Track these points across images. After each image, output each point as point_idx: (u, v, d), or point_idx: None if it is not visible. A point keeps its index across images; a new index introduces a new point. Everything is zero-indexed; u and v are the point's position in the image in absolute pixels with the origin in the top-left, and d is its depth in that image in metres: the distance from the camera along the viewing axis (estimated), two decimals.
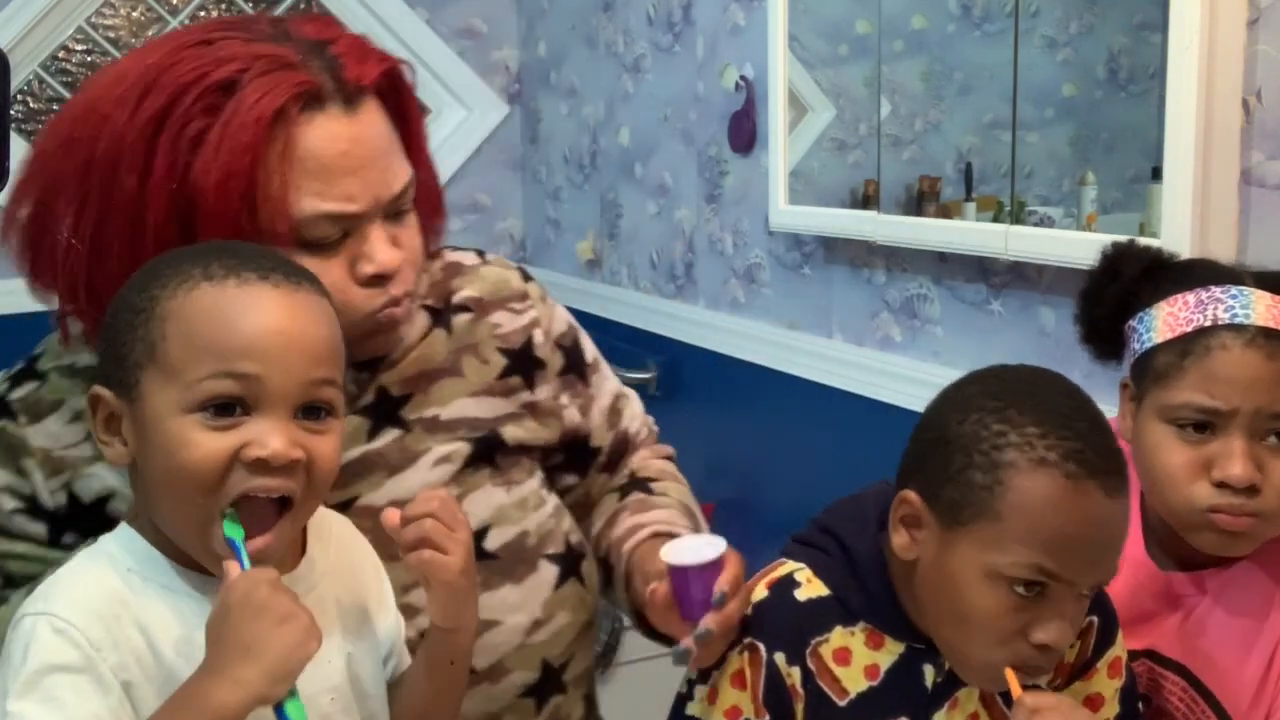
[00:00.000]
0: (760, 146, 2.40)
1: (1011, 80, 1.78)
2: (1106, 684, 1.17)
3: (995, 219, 1.84)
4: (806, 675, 1.10)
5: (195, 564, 0.94)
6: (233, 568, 0.88)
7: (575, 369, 1.29)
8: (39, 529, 1.10)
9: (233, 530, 0.89)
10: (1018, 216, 1.79)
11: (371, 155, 1.06)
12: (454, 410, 1.19)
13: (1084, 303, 1.31)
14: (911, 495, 1.07)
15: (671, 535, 1.21)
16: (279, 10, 3.20)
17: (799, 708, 1.10)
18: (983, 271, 1.90)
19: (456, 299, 1.23)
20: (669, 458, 1.41)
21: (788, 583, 1.13)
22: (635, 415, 1.38)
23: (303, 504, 0.93)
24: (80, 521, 1.09)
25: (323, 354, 0.93)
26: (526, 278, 1.30)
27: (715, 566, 1.06)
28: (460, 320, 1.22)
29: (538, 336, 1.25)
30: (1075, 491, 1.01)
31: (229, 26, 1.07)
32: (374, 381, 1.17)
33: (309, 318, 0.93)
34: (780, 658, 1.10)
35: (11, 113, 2.77)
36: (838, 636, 1.11)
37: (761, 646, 1.10)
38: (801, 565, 1.13)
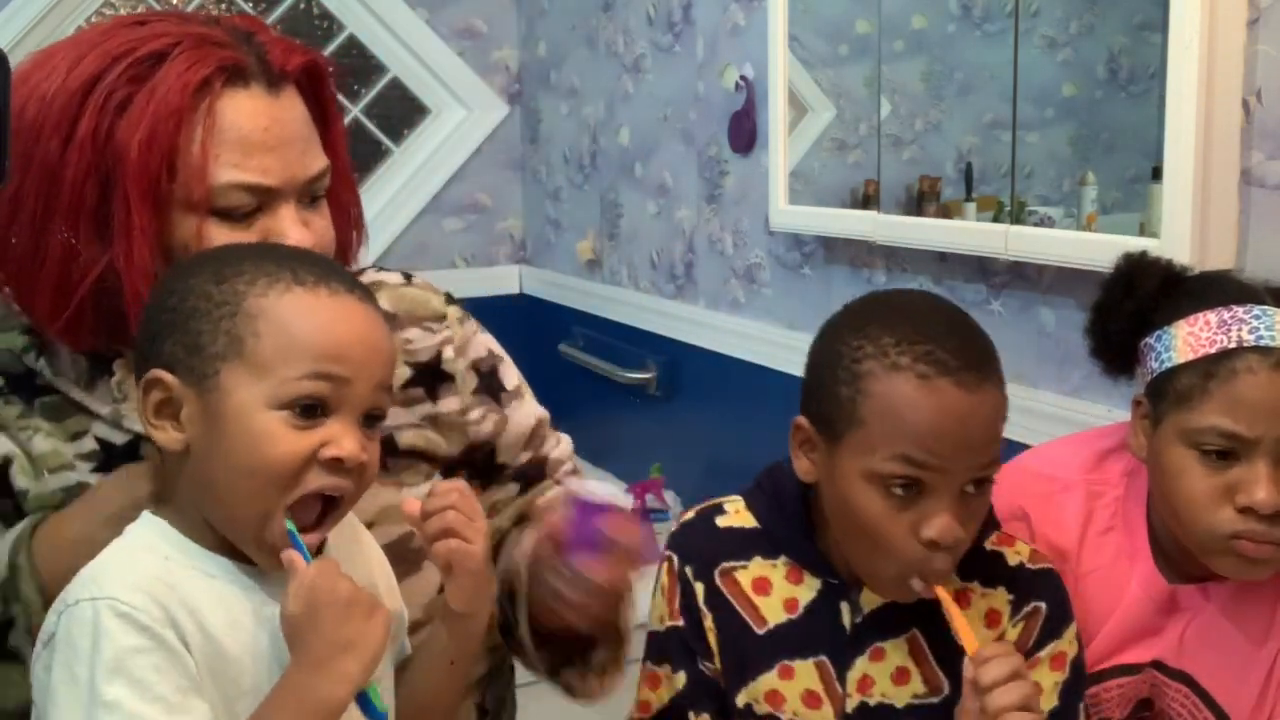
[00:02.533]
0: (760, 146, 2.40)
1: (1011, 80, 1.78)
2: (1047, 675, 1.18)
3: (995, 219, 1.84)
4: (712, 593, 1.19)
5: (232, 552, 0.96)
6: (296, 559, 0.92)
7: (490, 391, 1.30)
8: None
9: (289, 525, 0.94)
10: (1018, 216, 1.79)
11: (290, 136, 1.10)
12: None
13: (1097, 317, 1.29)
14: (801, 420, 1.16)
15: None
16: (278, 11, 3.21)
17: (707, 624, 1.19)
18: (983, 271, 1.90)
19: None
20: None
21: (714, 510, 1.24)
22: (563, 451, 1.38)
23: (347, 504, 0.97)
24: None
25: (391, 365, 0.99)
26: (451, 301, 1.32)
27: (617, 513, 1.10)
28: None
29: (447, 352, 1.27)
30: (929, 389, 1.08)
31: (164, 16, 1.13)
32: None
33: (384, 331, 0.99)
34: (689, 570, 1.21)
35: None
36: (756, 566, 1.19)
37: (675, 558, 1.22)
38: (737, 499, 1.24)
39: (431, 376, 1.26)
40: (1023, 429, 1.76)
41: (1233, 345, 1.16)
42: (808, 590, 1.18)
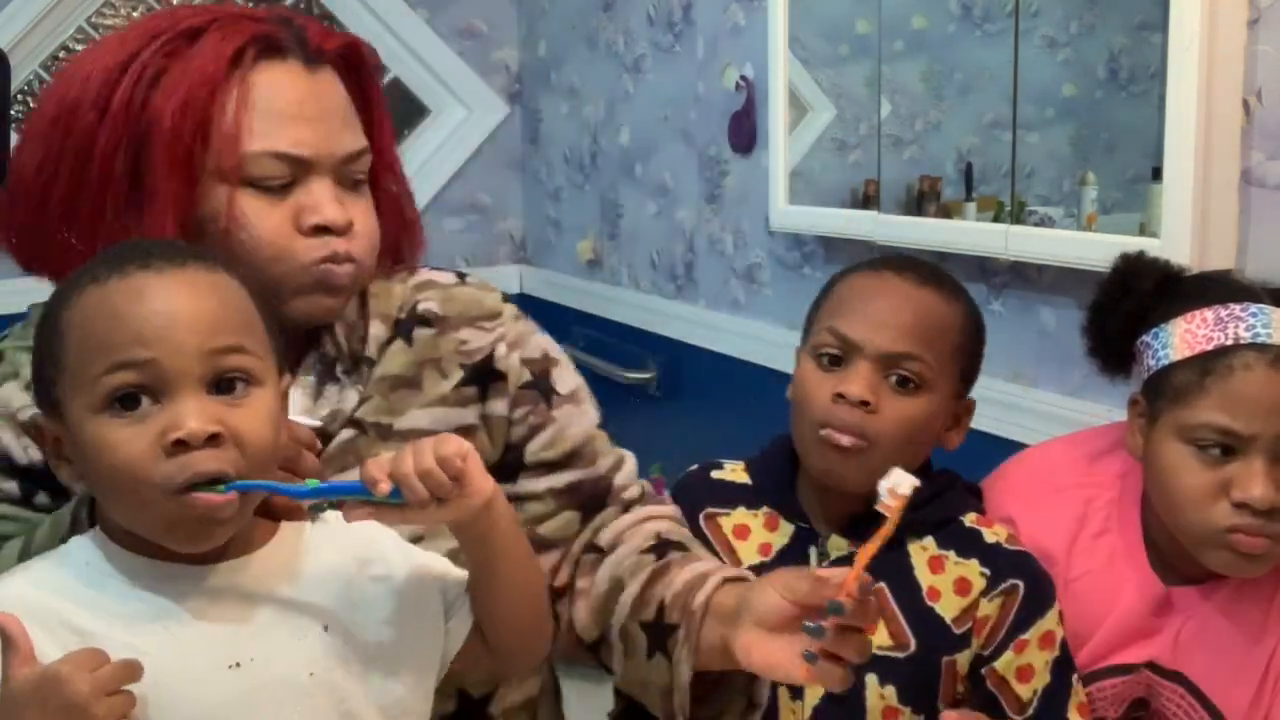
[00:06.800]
0: (760, 146, 2.40)
1: (1011, 80, 1.78)
2: (1038, 655, 1.22)
3: (995, 219, 1.84)
4: (695, 533, 1.28)
5: (162, 556, 0.94)
6: (11, 626, 0.86)
7: (540, 388, 1.23)
8: (11, 486, 1.10)
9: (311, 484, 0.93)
10: (1018, 216, 1.79)
11: (325, 111, 1.09)
12: (406, 421, 1.16)
13: (1094, 316, 1.29)
14: (799, 347, 1.30)
15: (741, 579, 1.15)
16: None
17: None
18: (983, 271, 1.90)
19: (419, 310, 1.21)
20: (677, 519, 1.29)
21: (713, 465, 1.37)
22: (625, 471, 1.28)
23: (244, 476, 0.92)
24: (50, 481, 1.08)
25: (217, 323, 0.92)
26: (506, 299, 1.27)
27: None
28: (422, 334, 1.20)
29: (500, 349, 1.21)
30: (874, 277, 1.28)
31: (209, 5, 1.14)
32: (354, 384, 1.17)
33: (195, 292, 0.92)
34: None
35: (11, 113, 2.77)
36: (740, 515, 1.30)
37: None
38: (739, 461, 1.36)
39: (484, 375, 1.20)
40: (1023, 429, 1.76)
41: (1229, 342, 1.17)
42: (782, 536, 1.28)
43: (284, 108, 1.07)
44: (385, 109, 1.19)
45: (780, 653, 1.03)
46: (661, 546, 1.22)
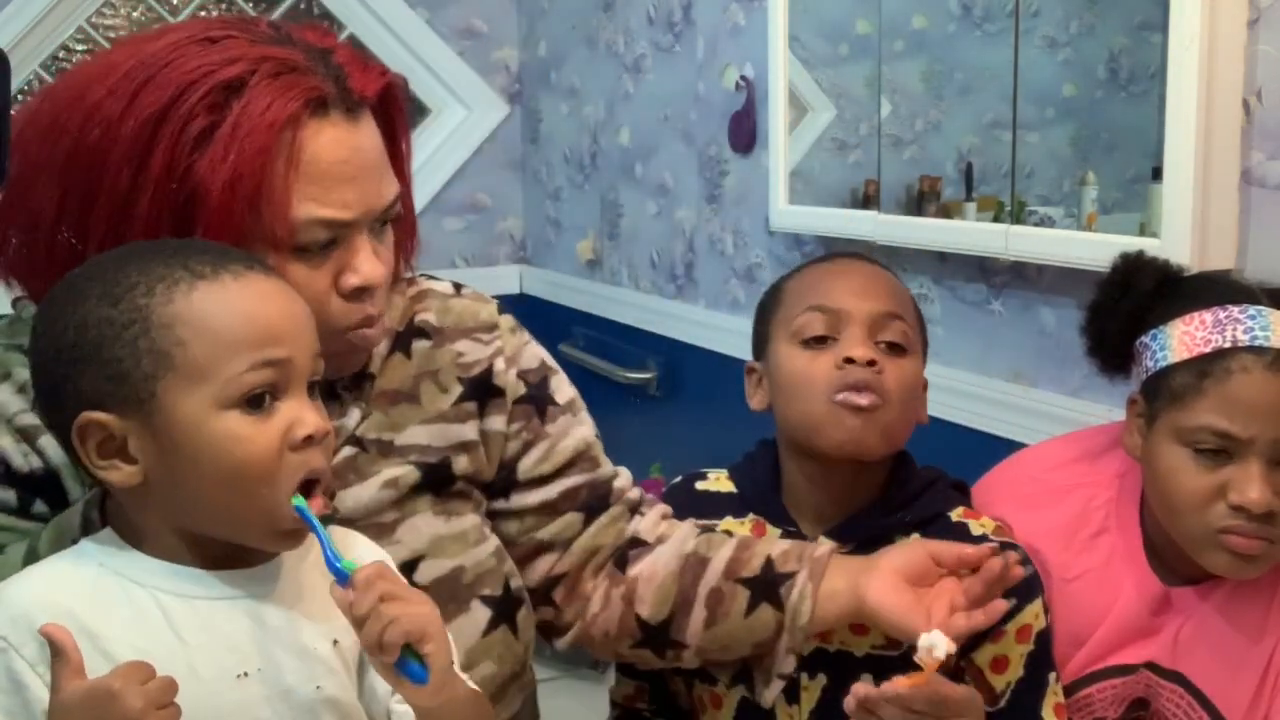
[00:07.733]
0: (760, 146, 2.40)
1: (1011, 80, 1.78)
2: (1013, 648, 1.23)
3: (995, 219, 1.84)
4: None
5: (176, 561, 0.94)
6: (64, 639, 0.85)
7: (535, 402, 1.25)
8: (9, 496, 1.09)
9: (297, 500, 0.92)
10: (1018, 216, 1.79)
11: (366, 166, 1.07)
12: (407, 437, 1.18)
13: (1093, 316, 1.30)
14: (749, 363, 1.34)
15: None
16: (278, 11, 3.21)
17: None
18: (983, 271, 1.90)
19: (416, 322, 1.22)
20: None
21: (696, 476, 1.38)
22: (624, 477, 1.31)
23: (326, 477, 0.95)
24: (48, 490, 1.08)
25: (313, 329, 0.97)
26: (502, 310, 1.28)
27: None
28: (420, 346, 1.21)
29: (499, 364, 1.23)
30: (829, 263, 1.33)
31: (230, 25, 1.07)
32: (355, 401, 1.17)
33: (299, 299, 0.97)
34: None
35: (12, 113, 2.77)
36: (727, 524, 1.31)
37: None
38: (721, 470, 1.36)
39: (483, 391, 1.22)
40: (1023, 429, 1.76)
41: (1227, 345, 1.17)
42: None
43: (329, 168, 1.03)
44: (409, 136, 1.17)
45: (912, 604, 1.15)
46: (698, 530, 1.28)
